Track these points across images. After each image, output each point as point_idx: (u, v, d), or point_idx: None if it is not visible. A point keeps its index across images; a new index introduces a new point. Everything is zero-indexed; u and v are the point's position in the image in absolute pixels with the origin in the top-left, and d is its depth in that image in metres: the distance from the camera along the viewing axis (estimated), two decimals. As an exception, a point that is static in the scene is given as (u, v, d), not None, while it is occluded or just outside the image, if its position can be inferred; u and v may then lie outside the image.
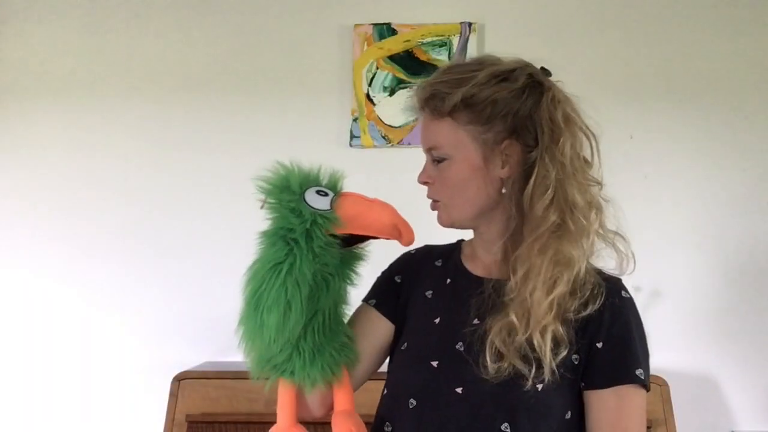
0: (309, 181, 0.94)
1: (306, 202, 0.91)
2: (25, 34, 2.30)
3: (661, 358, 2.09)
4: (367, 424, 1.05)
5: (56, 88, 2.28)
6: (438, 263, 1.15)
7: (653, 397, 1.81)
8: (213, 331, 2.16)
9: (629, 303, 1.03)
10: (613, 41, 2.20)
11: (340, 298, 1.00)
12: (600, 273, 1.03)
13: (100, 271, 2.23)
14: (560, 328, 0.95)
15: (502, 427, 0.96)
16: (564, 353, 0.96)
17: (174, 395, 1.87)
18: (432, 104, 1.03)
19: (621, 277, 1.05)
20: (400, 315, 1.12)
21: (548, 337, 0.94)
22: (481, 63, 1.04)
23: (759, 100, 2.16)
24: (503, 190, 1.03)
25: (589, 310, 0.97)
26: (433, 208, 1.07)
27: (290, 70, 2.24)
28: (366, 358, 1.08)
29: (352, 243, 0.97)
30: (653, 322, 2.09)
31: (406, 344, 1.08)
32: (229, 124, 2.24)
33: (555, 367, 0.95)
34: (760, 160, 2.16)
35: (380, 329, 1.12)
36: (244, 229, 0.96)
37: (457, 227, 1.10)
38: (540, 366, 0.94)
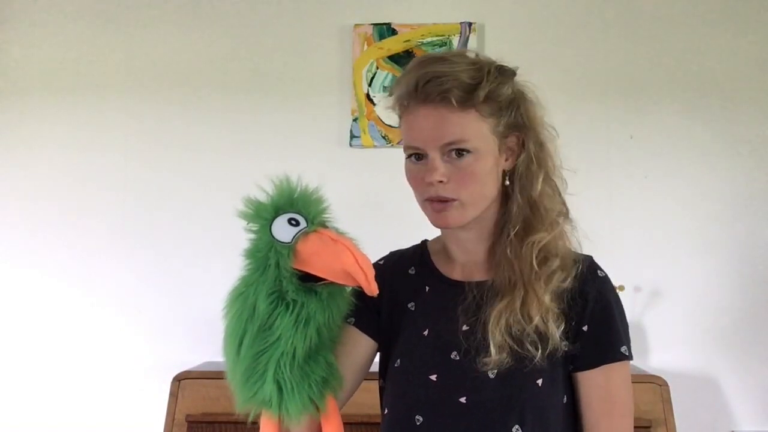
0: (286, 206, 0.89)
1: (270, 230, 0.88)
2: (25, 34, 2.30)
3: (661, 358, 2.11)
4: (366, 423, 1.04)
5: (57, 88, 2.28)
6: (411, 271, 1.12)
7: (653, 397, 1.80)
8: (213, 331, 2.13)
9: (606, 281, 1.05)
10: (613, 41, 2.20)
11: (326, 331, 0.94)
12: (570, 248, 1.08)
13: (100, 270, 2.23)
14: (554, 304, 0.99)
15: (514, 430, 0.96)
16: (563, 327, 0.99)
17: (174, 395, 1.87)
18: (458, 95, 0.96)
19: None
20: (384, 330, 1.10)
21: (551, 317, 0.97)
22: (469, 56, 1.03)
23: (759, 99, 2.17)
24: (506, 183, 1.05)
25: (568, 282, 1.01)
26: (442, 209, 1.00)
27: (290, 70, 2.25)
28: (348, 377, 1.05)
29: (315, 279, 0.91)
30: (653, 322, 2.13)
31: (399, 361, 1.05)
32: (230, 123, 2.25)
33: (559, 343, 0.98)
34: (760, 160, 2.16)
35: (361, 347, 1.09)
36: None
37: (461, 226, 1.06)
38: (546, 346, 0.97)
